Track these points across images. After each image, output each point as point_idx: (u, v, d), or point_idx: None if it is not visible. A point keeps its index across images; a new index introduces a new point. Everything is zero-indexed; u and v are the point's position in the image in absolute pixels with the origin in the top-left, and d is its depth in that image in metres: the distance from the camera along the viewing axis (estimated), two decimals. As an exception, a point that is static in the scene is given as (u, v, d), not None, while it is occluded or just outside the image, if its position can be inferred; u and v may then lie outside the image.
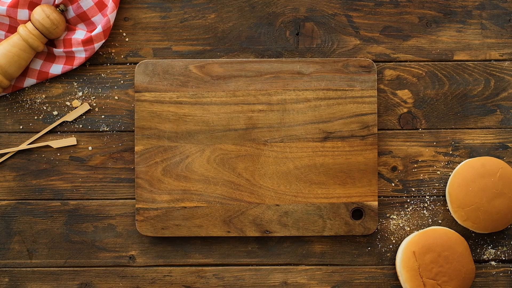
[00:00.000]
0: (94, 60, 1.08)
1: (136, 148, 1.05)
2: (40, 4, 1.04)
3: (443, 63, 1.08)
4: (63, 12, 1.05)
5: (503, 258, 1.08)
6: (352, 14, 1.08)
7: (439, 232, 1.04)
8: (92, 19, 1.06)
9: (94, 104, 1.07)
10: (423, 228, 1.07)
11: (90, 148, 1.07)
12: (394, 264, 1.08)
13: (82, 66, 1.07)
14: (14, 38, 1.02)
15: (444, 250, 1.02)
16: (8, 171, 1.08)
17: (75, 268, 1.08)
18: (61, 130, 1.08)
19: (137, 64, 1.05)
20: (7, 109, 1.08)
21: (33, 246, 1.08)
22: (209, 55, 1.08)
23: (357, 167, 1.05)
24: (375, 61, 1.07)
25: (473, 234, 1.08)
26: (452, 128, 1.08)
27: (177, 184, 1.05)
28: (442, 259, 1.02)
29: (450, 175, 1.07)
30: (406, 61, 1.08)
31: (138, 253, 1.07)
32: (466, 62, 1.08)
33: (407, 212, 1.08)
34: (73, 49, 1.05)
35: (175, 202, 1.05)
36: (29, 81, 1.07)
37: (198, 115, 1.05)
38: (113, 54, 1.08)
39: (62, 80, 1.08)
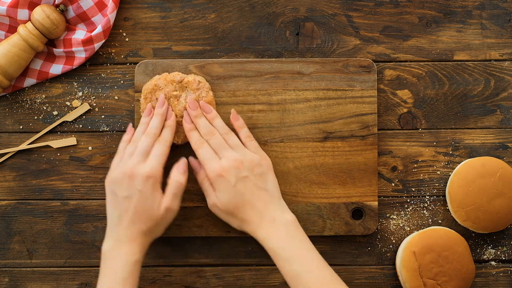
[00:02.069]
0: (94, 60, 1.08)
1: (136, 148, 1.05)
2: (40, 4, 1.04)
3: (443, 63, 1.08)
4: (63, 12, 1.05)
5: (503, 258, 1.08)
6: (352, 14, 1.08)
7: (439, 232, 1.04)
8: (92, 19, 1.06)
9: (94, 104, 1.08)
10: (423, 228, 1.07)
11: (90, 148, 1.07)
12: (394, 264, 1.08)
13: (82, 66, 1.07)
14: (14, 38, 1.03)
15: (444, 250, 1.02)
16: (8, 171, 1.08)
17: (75, 268, 1.08)
18: (61, 130, 1.08)
19: (137, 64, 1.05)
20: (7, 109, 1.08)
21: (33, 246, 1.08)
22: (209, 55, 1.08)
23: (357, 167, 1.05)
24: (375, 61, 1.07)
25: (473, 234, 1.08)
26: (452, 128, 1.08)
27: (177, 184, 1.05)
28: (442, 259, 1.02)
29: (450, 175, 1.07)
30: (406, 61, 1.08)
31: (138, 253, 1.07)
32: (466, 62, 1.08)
33: (407, 212, 1.08)
34: (73, 49, 1.05)
35: (175, 202, 1.05)
36: (29, 81, 1.07)
37: (198, 115, 1.05)
38: (113, 54, 1.08)
39: (62, 80, 1.08)
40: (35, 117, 1.08)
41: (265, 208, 0.95)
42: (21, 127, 1.08)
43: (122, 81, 1.08)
